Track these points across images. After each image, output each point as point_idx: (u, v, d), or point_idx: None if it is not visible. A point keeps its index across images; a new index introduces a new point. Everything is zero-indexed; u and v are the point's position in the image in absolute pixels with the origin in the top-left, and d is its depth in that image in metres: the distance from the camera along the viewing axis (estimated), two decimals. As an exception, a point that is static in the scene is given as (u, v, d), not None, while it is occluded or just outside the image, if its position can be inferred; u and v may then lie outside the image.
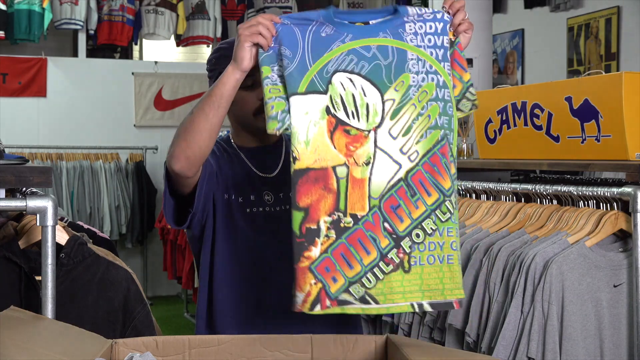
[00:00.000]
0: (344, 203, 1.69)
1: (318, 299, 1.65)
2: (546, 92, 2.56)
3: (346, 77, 1.73)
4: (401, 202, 1.71)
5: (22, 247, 1.88)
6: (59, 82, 7.17)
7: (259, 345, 1.72)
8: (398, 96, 1.74)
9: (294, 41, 1.73)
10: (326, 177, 1.68)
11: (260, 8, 7.82)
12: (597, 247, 2.09)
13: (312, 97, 1.71)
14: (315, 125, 1.70)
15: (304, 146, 1.68)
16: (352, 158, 1.70)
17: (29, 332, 1.51)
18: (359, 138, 1.71)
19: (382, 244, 1.69)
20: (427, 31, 1.78)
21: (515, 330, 2.06)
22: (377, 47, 1.76)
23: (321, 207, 1.68)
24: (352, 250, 1.68)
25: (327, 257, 1.67)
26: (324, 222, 1.67)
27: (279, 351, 1.74)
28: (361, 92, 1.73)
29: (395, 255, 1.69)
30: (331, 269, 1.67)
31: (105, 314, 1.87)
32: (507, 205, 2.47)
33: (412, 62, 1.76)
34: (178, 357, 1.65)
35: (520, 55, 6.97)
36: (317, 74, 1.73)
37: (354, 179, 1.69)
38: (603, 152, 2.32)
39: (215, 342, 1.69)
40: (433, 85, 1.76)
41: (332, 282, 1.66)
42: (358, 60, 1.74)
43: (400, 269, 1.69)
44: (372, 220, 1.69)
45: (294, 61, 1.72)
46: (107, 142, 7.16)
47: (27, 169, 1.70)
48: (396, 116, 1.74)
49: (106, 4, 7.19)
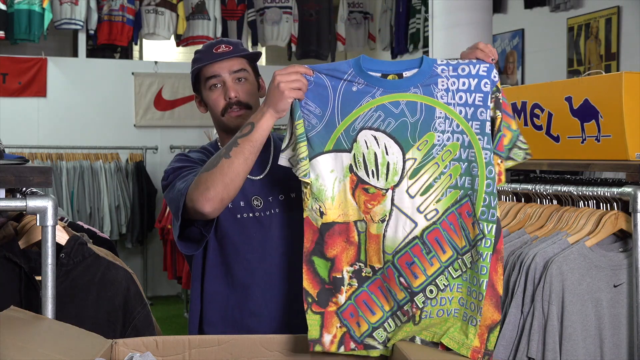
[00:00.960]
0: (364, 255, 1.78)
1: (342, 341, 1.77)
2: (546, 92, 2.56)
3: (371, 135, 1.78)
4: (415, 260, 1.77)
5: (22, 247, 1.88)
6: (59, 82, 7.17)
7: (259, 345, 1.72)
8: (420, 155, 1.77)
9: (325, 97, 1.78)
10: (348, 231, 1.78)
11: (260, 8, 7.82)
12: (597, 247, 2.09)
13: (338, 155, 1.78)
14: (340, 182, 1.78)
15: (330, 202, 1.78)
16: (369, 215, 1.78)
17: (29, 332, 1.51)
18: (377, 196, 1.78)
19: (399, 296, 1.77)
20: (459, 88, 1.77)
21: (515, 330, 2.05)
22: (406, 103, 1.77)
23: (344, 258, 1.78)
24: (373, 297, 1.78)
25: (351, 303, 1.78)
26: (347, 272, 1.78)
27: (279, 351, 1.74)
28: (384, 151, 1.77)
29: (410, 308, 1.76)
30: (355, 315, 1.78)
31: (105, 314, 1.87)
32: (507, 205, 2.47)
33: (439, 121, 1.77)
34: (178, 357, 1.65)
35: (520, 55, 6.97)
36: (344, 131, 1.78)
37: (370, 234, 1.78)
38: (603, 152, 2.32)
39: (215, 342, 1.69)
40: (457, 145, 1.76)
41: (356, 327, 1.77)
42: (385, 117, 1.77)
43: (411, 322, 1.77)
44: (387, 273, 1.77)
45: (322, 120, 1.78)
46: (107, 142, 7.16)
47: (27, 169, 1.70)
48: (416, 175, 1.77)
49: (106, 4, 7.19)
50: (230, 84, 2.00)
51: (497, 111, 1.75)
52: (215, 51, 2.01)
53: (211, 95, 2.02)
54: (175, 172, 1.97)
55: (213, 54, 2.00)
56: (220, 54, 2.00)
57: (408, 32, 7.90)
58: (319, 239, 1.77)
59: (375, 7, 8.53)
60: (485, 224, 1.73)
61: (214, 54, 2.00)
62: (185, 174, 1.93)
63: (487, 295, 1.72)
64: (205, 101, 2.06)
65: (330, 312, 1.77)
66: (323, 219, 1.77)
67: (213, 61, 2.00)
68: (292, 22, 7.85)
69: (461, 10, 5.09)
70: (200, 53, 2.05)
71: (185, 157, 2.05)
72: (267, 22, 7.81)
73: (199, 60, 2.04)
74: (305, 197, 1.78)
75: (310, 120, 1.78)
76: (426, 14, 7.15)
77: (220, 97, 2.01)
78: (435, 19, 5.23)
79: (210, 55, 2.01)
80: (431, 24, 5.33)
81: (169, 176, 1.98)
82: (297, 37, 7.90)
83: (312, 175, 1.77)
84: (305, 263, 1.78)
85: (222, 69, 2.00)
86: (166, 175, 1.99)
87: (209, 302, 2.00)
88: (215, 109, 2.03)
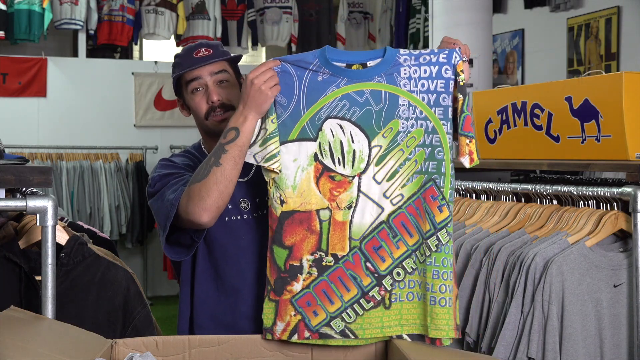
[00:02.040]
0: (326, 243, 1.81)
1: (296, 329, 1.78)
2: (546, 92, 2.56)
3: (336, 124, 1.82)
4: (383, 243, 1.80)
5: (22, 247, 1.88)
6: (59, 82, 7.16)
7: (259, 345, 1.72)
8: (385, 142, 1.82)
9: (290, 86, 1.82)
10: (310, 219, 1.81)
11: (260, 8, 7.82)
12: (597, 247, 2.09)
13: (302, 144, 1.82)
14: (303, 171, 1.81)
15: (291, 190, 1.81)
16: (335, 202, 1.81)
17: (29, 332, 1.51)
18: (343, 184, 1.81)
19: (364, 282, 1.80)
20: (421, 75, 1.82)
21: (515, 330, 2.05)
22: (370, 92, 1.82)
23: (304, 247, 1.81)
24: (332, 287, 1.80)
25: (309, 292, 1.80)
26: (307, 260, 1.80)
27: (279, 351, 1.74)
28: (349, 139, 1.82)
29: (377, 293, 1.80)
30: (312, 303, 1.79)
31: (105, 314, 1.87)
32: (507, 205, 2.47)
33: (403, 108, 1.82)
34: (178, 357, 1.65)
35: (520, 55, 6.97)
36: (309, 121, 1.82)
37: (335, 221, 1.81)
38: (603, 152, 2.32)
39: (215, 342, 1.69)
40: (422, 131, 1.82)
41: (312, 316, 1.79)
42: (350, 106, 1.82)
43: (382, 306, 1.79)
44: (352, 260, 1.80)
45: (287, 109, 1.82)
46: (107, 142, 7.16)
47: (27, 169, 1.70)
48: (382, 162, 1.82)
49: (106, 4, 7.19)
50: (212, 87, 1.99)
51: (459, 94, 1.81)
52: (195, 55, 1.99)
53: (194, 99, 2.01)
54: (162, 179, 1.95)
55: (193, 59, 1.99)
56: (201, 59, 1.98)
57: (408, 32, 7.89)
58: (277, 227, 1.81)
59: (375, 7, 8.53)
60: (452, 205, 1.80)
61: (194, 59, 1.99)
62: (174, 182, 1.92)
63: (452, 273, 1.79)
64: (187, 105, 2.05)
65: (284, 300, 1.79)
66: (283, 207, 1.81)
67: (194, 67, 1.98)
68: (292, 22, 7.85)
69: (461, 10, 5.09)
70: (180, 57, 2.04)
71: (171, 163, 2.02)
72: (267, 22, 7.81)
73: (179, 65, 2.02)
74: (269, 186, 1.82)
75: (276, 110, 1.82)
76: (426, 14, 7.15)
77: (203, 100, 2.00)
78: (435, 19, 5.23)
79: (190, 59, 2.00)
80: (431, 24, 5.33)
81: (155, 183, 1.95)
82: (297, 37, 7.90)
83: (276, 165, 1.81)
84: (268, 251, 1.83)
85: (203, 72, 1.99)
86: (152, 182, 1.96)
87: (199, 306, 1.98)
88: (198, 112, 2.02)
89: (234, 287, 1.96)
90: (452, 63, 1.80)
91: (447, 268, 1.77)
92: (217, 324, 1.95)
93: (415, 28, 7.80)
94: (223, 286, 1.97)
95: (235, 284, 1.96)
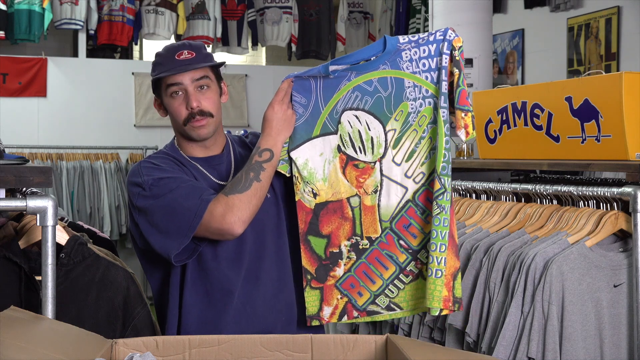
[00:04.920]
0: (360, 228, 1.93)
1: (345, 311, 1.92)
2: (546, 92, 2.56)
3: (352, 115, 1.94)
4: (412, 221, 1.91)
5: (22, 247, 1.88)
6: (59, 82, 7.16)
7: (259, 345, 1.72)
8: (398, 125, 1.92)
9: (308, 87, 1.95)
10: (342, 208, 1.93)
11: (260, 8, 7.82)
12: (597, 247, 2.09)
13: (325, 139, 1.95)
14: (330, 163, 1.94)
15: (322, 183, 1.94)
16: (362, 188, 1.93)
17: (29, 332, 1.51)
18: (367, 170, 1.93)
19: (400, 259, 1.92)
20: (421, 56, 1.89)
21: (515, 330, 2.05)
22: (378, 79, 1.92)
23: (341, 233, 1.93)
24: (372, 267, 1.92)
25: (351, 275, 1.93)
26: (345, 246, 1.93)
27: (279, 351, 1.74)
28: (366, 127, 1.93)
29: (414, 267, 1.91)
30: (356, 285, 1.92)
31: (105, 314, 1.87)
32: (507, 205, 2.47)
33: (409, 90, 1.91)
34: (178, 357, 1.65)
35: (520, 55, 6.97)
36: (328, 116, 1.94)
37: (365, 206, 1.93)
38: (603, 152, 2.32)
39: (215, 342, 1.69)
40: (431, 109, 1.89)
41: (358, 296, 1.92)
42: (362, 96, 1.93)
43: (420, 278, 1.91)
44: (385, 240, 1.92)
45: (308, 107, 1.95)
46: (107, 142, 7.15)
47: (27, 169, 1.70)
48: (398, 144, 1.92)
49: (106, 4, 7.19)
50: (192, 92, 1.94)
51: (455, 68, 1.86)
52: (177, 57, 1.93)
53: (173, 103, 1.96)
54: (158, 182, 1.89)
55: (175, 61, 1.93)
56: (182, 62, 1.93)
57: (408, 32, 7.89)
58: (312, 219, 1.92)
59: (375, 7, 8.52)
60: (446, 178, 1.85)
61: (176, 61, 1.93)
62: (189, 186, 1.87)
63: (449, 246, 1.84)
64: (165, 107, 2.00)
65: (329, 286, 1.92)
66: (317, 199, 1.93)
67: (175, 72, 1.93)
68: (292, 22, 7.84)
69: (461, 10, 5.09)
70: (161, 57, 1.98)
71: (155, 166, 1.95)
72: (267, 22, 7.81)
73: (159, 65, 1.96)
74: (297, 182, 1.93)
75: (297, 109, 1.95)
76: (426, 14, 7.15)
77: (182, 106, 1.95)
78: (435, 19, 5.23)
79: (172, 62, 1.94)
80: (431, 24, 5.33)
81: (150, 187, 1.89)
82: (297, 37, 7.89)
83: (301, 160, 1.93)
84: (302, 243, 1.92)
85: (185, 77, 1.93)
86: (147, 187, 1.89)
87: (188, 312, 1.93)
88: (176, 117, 1.97)
89: (224, 289, 1.93)
90: (447, 39, 1.86)
91: (436, 239, 1.83)
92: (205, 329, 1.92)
93: (415, 28, 7.80)
94: (212, 288, 1.93)
95: (226, 285, 1.93)
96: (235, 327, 1.92)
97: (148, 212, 1.89)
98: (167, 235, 1.85)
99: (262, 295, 1.96)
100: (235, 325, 1.92)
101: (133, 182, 1.93)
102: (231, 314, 1.93)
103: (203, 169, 2.00)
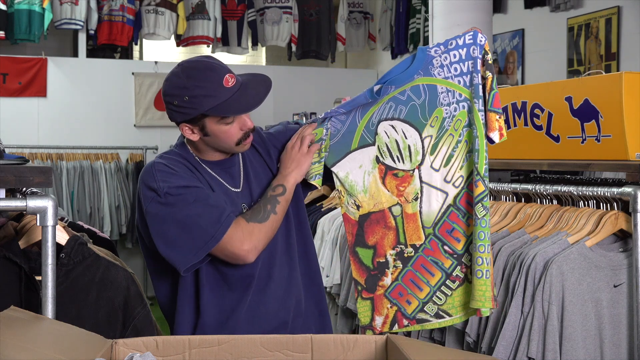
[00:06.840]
0: (403, 236, 1.95)
1: (395, 320, 1.95)
2: (546, 92, 2.56)
3: (389, 125, 1.96)
4: (455, 225, 1.93)
5: (22, 247, 1.88)
6: (59, 82, 7.16)
7: (259, 345, 1.72)
8: (434, 131, 1.94)
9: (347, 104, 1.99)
10: (385, 217, 1.96)
11: (260, 8, 7.82)
12: (597, 247, 2.09)
13: (363, 151, 1.98)
14: (369, 174, 1.97)
15: (363, 194, 1.97)
16: (403, 197, 1.95)
17: (29, 332, 1.51)
18: (406, 178, 1.95)
19: (446, 264, 1.93)
20: (452, 61, 1.91)
21: (515, 330, 2.05)
22: (411, 88, 1.95)
23: (385, 243, 1.96)
24: (418, 275, 1.94)
25: (399, 284, 1.95)
26: (390, 255, 1.95)
27: (279, 351, 1.74)
28: (402, 136, 1.96)
29: (460, 272, 1.92)
30: (404, 293, 1.95)
31: (105, 314, 1.87)
32: (507, 205, 2.47)
33: (443, 95, 1.93)
34: (178, 357, 1.65)
35: (520, 55, 6.97)
36: (365, 128, 1.98)
37: (407, 214, 1.96)
38: (603, 152, 2.32)
39: (215, 342, 1.69)
40: (465, 113, 1.91)
41: (406, 305, 1.94)
42: (396, 106, 1.95)
43: (466, 282, 1.92)
44: (429, 246, 1.94)
45: (345, 122, 1.98)
46: (107, 142, 7.15)
47: (27, 169, 1.70)
48: (435, 150, 1.94)
49: (106, 4, 7.19)
50: (245, 115, 1.93)
51: (487, 72, 1.88)
52: (225, 85, 1.85)
53: (228, 129, 1.91)
54: (174, 191, 1.85)
55: (236, 93, 1.86)
56: (250, 95, 1.86)
57: (408, 32, 7.89)
58: (358, 230, 1.96)
59: (375, 7, 8.53)
60: (487, 181, 1.88)
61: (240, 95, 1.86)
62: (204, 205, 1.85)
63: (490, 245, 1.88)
64: (208, 131, 1.91)
65: (379, 296, 1.95)
66: (360, 211, 1.97)
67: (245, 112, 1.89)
68: (292, 22, 7.84)
69: (461, 10, 5.09)
70: (206, 88, 1.84)
71: (172, 170, 1.90)
72: (267, 22, 7.81)
73: (211, 97, 1.84)
74: (341, 195, 1.98)
75: (335, 125, 1.99)
76: (426, 14, 7.14)
77: (236, 128, 1.92)
78: (435, 19, 5.23)
79: (224, 91, 1.85)
80: (431, 24, 5.32)
81: (165, 195, 1.85)
82: (297, 37, 7.89)
83: (342, 174, 1.97)
84: (351, 255, 1.96)
85: None
86: (162, 193, 1.86)
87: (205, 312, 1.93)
88: (228, 139, 1.92)
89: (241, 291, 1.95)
90: (478, 43, 1.87)
91: (483, 241, 1.84)
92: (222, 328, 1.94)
93: (415, 28, 7.80)
94: (230, 290, 1.95)
95: (241, 287, 1.95)
96: (249, 326, 1.94)
97: (161, 220, 1.86)
98: (178, 248, 1.84)
99: (274, 292, 1.98)
100: (248, 325, 1.94)
101: (147, 186, 1.88)
102: (247, 313, 1.95)
103: (216, 174, 1.98)
